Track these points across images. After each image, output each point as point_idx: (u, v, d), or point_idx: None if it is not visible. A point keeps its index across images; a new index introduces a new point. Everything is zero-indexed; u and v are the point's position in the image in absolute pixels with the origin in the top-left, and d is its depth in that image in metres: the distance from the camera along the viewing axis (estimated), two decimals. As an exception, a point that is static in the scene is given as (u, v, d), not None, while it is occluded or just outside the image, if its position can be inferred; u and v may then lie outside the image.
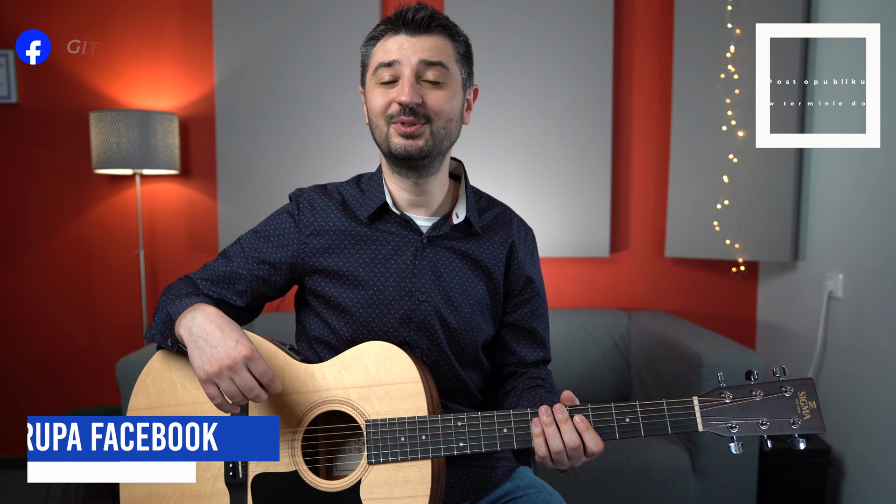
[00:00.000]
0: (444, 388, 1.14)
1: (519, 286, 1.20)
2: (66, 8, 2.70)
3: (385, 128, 1.07)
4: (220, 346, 0.92)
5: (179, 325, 0.98)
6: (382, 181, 1.15)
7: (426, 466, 0.97)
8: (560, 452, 0.93)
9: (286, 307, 2.77)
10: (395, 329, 1.10)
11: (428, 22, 1.05)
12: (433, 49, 1.05)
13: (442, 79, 1.06)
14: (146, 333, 1.07)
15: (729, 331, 2.76)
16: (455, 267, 1.14)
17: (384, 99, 1.06)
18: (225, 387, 0.92)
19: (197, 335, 0.94)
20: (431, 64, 1.04)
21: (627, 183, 2.76)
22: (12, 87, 2.70)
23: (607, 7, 2.62)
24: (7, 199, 2.78)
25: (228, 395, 0.92)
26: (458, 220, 1.15)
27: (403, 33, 1.05)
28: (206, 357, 0.92)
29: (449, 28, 1.08)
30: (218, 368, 0.91)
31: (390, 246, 1.12)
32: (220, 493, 1.00)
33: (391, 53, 1.04)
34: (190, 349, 0.95)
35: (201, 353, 0.93)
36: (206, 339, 0.93)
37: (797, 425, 0.91)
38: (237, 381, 0.91)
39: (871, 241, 2.07)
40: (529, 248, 1.25)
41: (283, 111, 2.69)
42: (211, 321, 0.95)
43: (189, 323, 0.96)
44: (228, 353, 0.91)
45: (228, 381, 0.91)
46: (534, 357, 1.23)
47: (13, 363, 2.83)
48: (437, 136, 1.07)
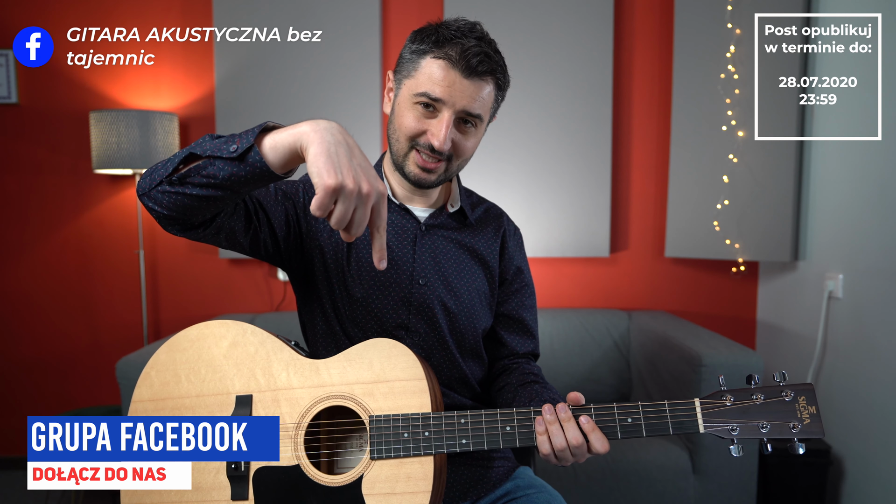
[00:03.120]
0: (443, 378, 1.15)
1: (510, 276, 1.24)
2: (66, 8, 2.70)
3: (406, 148, 1.09)
4: (363, 168, 0.80)
5: (296, 127, 0.81)
6: (382, 172, 1.19)
7: (428, 463, 0.97)
8: (563, 450, 0.93)
9: (286, 307, 2.77)
10: (395, 311, 1.12)
11: (485, 72, 1.04)
12: (479, 100, 1.05)
13: (476, 125, 1.09)
14: (174, 175, 0.86)
15: (729, 331, 2.76)
16: (453, 254, 1.18)
17: (417, 125, 1.06)
18: (343, 208, 0.78)
19: (336, 142, 0.79)
20: (472, 114, 1.06)
21: (627, 183, 2.77)
22: (12, 87, 2.70)
23: (607, 7, 2.62)
24: (7, 199, 2.78)
25: (339, 217, 0.79)
26: (454, 209, 1.19)
27: (458, 71, 1.03)
28: (344, 166, 0.78)
29: (499, 79, 1.08)
30: (353, 185, 0.78)
31: (390, 232, 1.15)
32: (221, 486, 1.00)
33: (438, 88, 1.03)
34: (318, 150, 0.78)
35: (339, 160, 0.78)
36: (348, 153, 0.80)
37: (797, 429, 0.92)
38: (359, 210, 0.79)
39: (871, 241, 2.07)
40: (518, 241, 1.30)
41: (283, 111, 2.69)
42: (356, 145, 0.82)
43: (325, 133, 0.79)
44: (371, 181, 0.79)
45: (349, 205, 0.78)
46: (524, 348, 1.25)
47: (13, 363, 2.82)
48: (450, 171, 1.11)
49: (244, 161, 0.82)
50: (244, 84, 2.69)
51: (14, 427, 2.83)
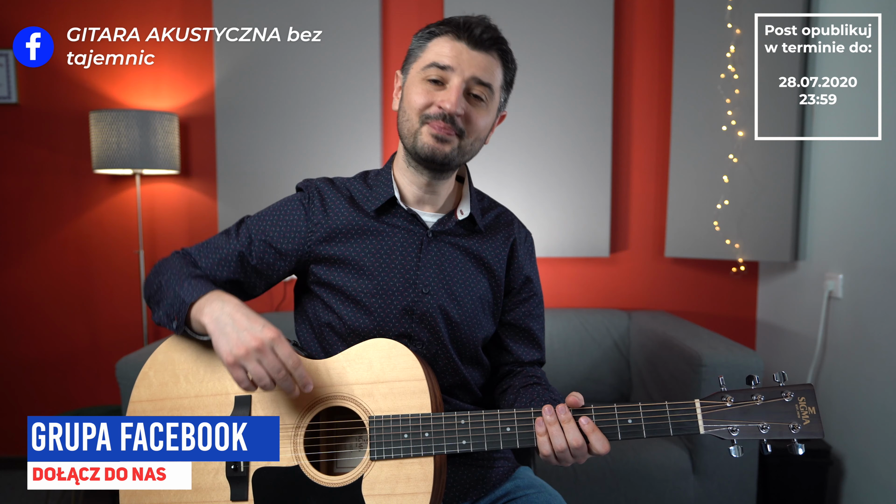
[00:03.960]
0: (444, 384, 1.14)
1: (518, 285, 1.22)
2: (66, 8, 2.70)
3: (417, 124, 1.08)
4: (246, 329, 0.93)
5: (202, 312, 0.98)
6: (391, 177, 1.17)
7: (428, 463, 0.97)
8: (564, 451, 0.93)
9: (286, 307, 2.77)
10: (397, 319, 1.11)
11: (491, 42, 1.07)
12: (487, 69, 1.07)
13: (485, 97, 1.09)
14: (154, 316, 1.07)
15: (729, 331, 2.76)
16: (459, 262, 1.16)
17: (426, 98, 1.07)
18: (252, 368, 0.92)
19: (224, 323, 0.94)
20: (481, 83, 1.07)
21: (627, 183, 2.77)
22: (12, 87, 2.70)
23: (607, 7, 2.62)
24: (7, 199, 2.78)
25: (256, 377, 0.92)
26: (463, 216, 1.17)
27: (464, 43, 1.06)
28: (232, 341, 0.92)
29: (506, 53, 1.11)
30: (245, 351, 0.91)
31: (396, 238, 1.14)
32: (220, 487, 1.00)
33: (446, 58, 1.06)
34: (215, 336, 0.95)
35: (228, 339, 0.93)
36: (233, 325, 0.93)
37: (797, 430, 0.92)
38: (264, 362, 0.92)
39: (871, 241, 2.07)
40: (529, 249, 1.28)
41: (283, 111, 2.69)
42: (238, 310, 0.96)
43: (216, 311, 0.96)
44: (255, 335, 0.92)
45: (255, 364, 0.92)
46: (529, 357, 1.24)
47: (13, 363, 2.82)
48: (463, 149, 1.10)
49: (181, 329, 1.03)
50: (244, 84, 2.69)
51: (14, 427, 2.83)
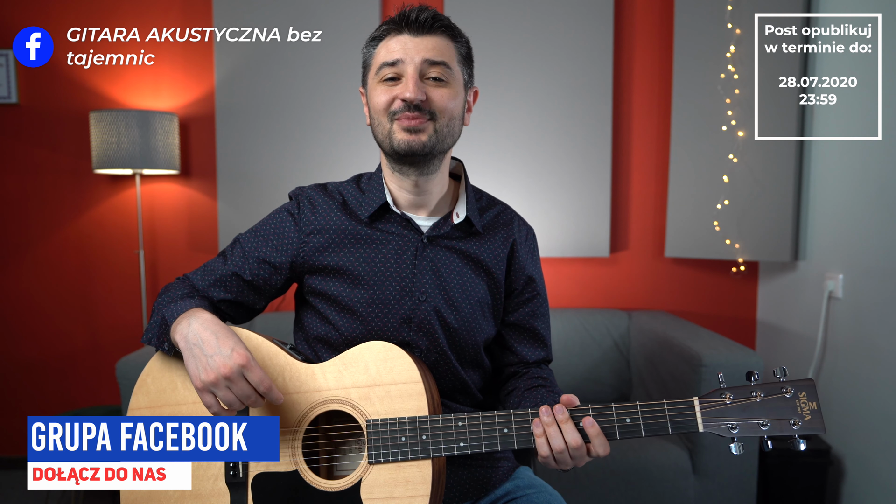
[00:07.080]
0: (444, 388, 1.14)
1: (520, 286, 1.20)
2: (66, 8, 2.70)
3: (388, 125, 1.08)
4: (215, 354, 0.91)
5: (175, 330, 0.97)
6: (382, 181, 1.15)
7: (427, 466, 0.97)
8: (562, 452, 0.93)
9: (286, 307, 2.77)
10: (396, 329, 1.10)
11: (431, 23, 1.06)
12: (436, 49, 1.06)
13: (445, 77, 1.07)
14: (143, 337, 1.07)
15: (729, 331, 2.76)
16: (455, 267, 1.14)
17: (387, 96, 1.07)
18: (222, 395, 0.92)
19: (192, 343, 0.93)
20: (434, 63, 1.06)
21: (627, 183, 2.76)
22: (12, 87, 2.70)
23: (607, 7, 2.62)
24: (7, 199, 2.78)
25: (226, 403, 0.92)
26: (459, 219, 1.15)
27: (406, 33, 1.06)
28: (201, 366, 0.91)
29: (451, 29, 1.09)
30: (214, 378, 0.90)
31: (390, 245, 1.12)
32: (220, 493, 1.00)
33: (394, 52, 1.05)
34: (186, 357, 0.94)
35: (196, 362, 0.92)
36: (202, 348, 0.92)
37: (798, 426, 0.91)
38: (234, 389, 0.91)
39: (871, 241, 2.07)
40: (530, 247, 1.24)
41: (283, 111, 2.69)
42: (206, 328, 0.94)
43: (185, 329, 0.95)
44: (224, 362, 0.90)
45: (225, 390, 0.91)
46: (535, 357, 1.22)
47: (13, 363, 2.83)
48: (440, 133, 1.07)
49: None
50: (244, 84, 2.68)
51: (14, 427, 2.83)
